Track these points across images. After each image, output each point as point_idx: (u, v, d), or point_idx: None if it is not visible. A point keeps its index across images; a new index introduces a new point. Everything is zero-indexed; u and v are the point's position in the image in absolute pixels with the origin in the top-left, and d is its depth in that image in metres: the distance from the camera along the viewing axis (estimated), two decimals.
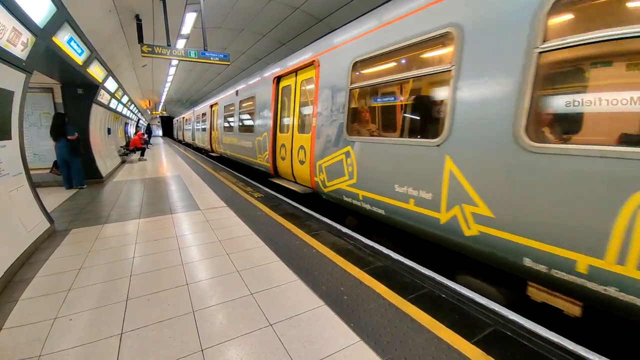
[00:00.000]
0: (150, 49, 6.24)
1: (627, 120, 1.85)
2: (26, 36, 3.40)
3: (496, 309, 2.22)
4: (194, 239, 3.77)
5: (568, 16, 2.10)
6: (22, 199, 3.62)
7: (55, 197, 5.96)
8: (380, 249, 3.34)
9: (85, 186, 7.18)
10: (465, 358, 1.78)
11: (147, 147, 17.56)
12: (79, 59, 5.59)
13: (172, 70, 14.14)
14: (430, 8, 2.90)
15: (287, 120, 6.03)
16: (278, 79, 6.35)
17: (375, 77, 3.73)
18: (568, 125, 2.15)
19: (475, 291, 2.57)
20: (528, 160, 2.11)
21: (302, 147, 5.28)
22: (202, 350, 1.86)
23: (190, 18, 7.41)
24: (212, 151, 13.19)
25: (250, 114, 8.00)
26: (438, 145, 2.75)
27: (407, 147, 3.13)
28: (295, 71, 5.62)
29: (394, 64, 3.55)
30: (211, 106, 12.83)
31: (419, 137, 3.35)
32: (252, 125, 7.74)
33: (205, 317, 2.19)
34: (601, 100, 1.89)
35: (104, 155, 9.30)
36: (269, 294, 2.49)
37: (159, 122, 49.89)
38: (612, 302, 1.80)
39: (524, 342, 1.89)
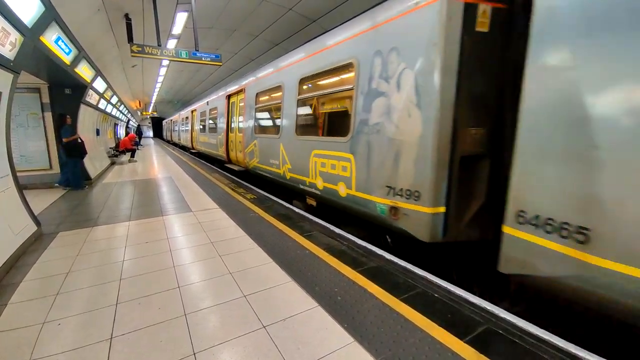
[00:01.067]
0: (140, 49, 6.16)
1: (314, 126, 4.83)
2: (14, 36, 3.33)
3: (488, 308, 2.24)
4: (185, 241, 3.73)
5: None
6: (8, 202, 3.54)
7: (43, 200, 5.83)
8: (374, 250, 3.35)
9: (86, 187, 7.12)
10: (458, 357, 1.79)
11: (138, 149, 17.33)
12: (67, 59, 5.49)
13: (162, 71, 13.98)
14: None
15: (233, 124, 8.90)
16: (229, 96, 9.16)
17: (262, 99, 6.60)
18: (300, 129, 4.99)
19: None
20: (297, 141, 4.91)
21: (240, 141, 7.99)
22: (194, 354, 1.84)
23: (181, 18, 7.34)
24: (192, 148, 16.33)
25: (214, 119, 10.91)
26: (278, 138, 5.64)
27: (271, 139, 5.99)
28: (237, 92, 8.31)
29: (269, 92, 6.22)
30: (192, 111, 15.71)
31: (273, 133, 6.00)
32: (215, 127, 10.73)
33: (197, 320, 2.17)
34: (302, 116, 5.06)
35: (93, 157, 9.13)
36: (262, 295, 2.48)
37: (149, 123, 49.27)
38: (312, 194, 4.68)
39: (516, 339, 1.92)
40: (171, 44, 8.90)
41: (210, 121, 11.42)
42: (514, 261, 2.31)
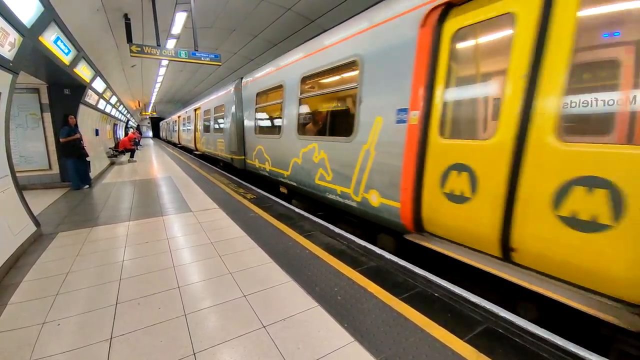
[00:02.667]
0: (139, 49, 6.15)
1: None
2: (13, 36, 3.33)
3: (488, 307, 2.24)
4: (185, 241, 3.73)
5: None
6: (8, 202, 3.53)
7: (42, 200, 5.82)
8: (373, 249, 3.35)
9: (87, 187, 7.14)
10: (458, 356, 1.79)
11: (137, 149, 17.31)
12: (66, 59, 5.49)
13: (162, 71, 13.96)
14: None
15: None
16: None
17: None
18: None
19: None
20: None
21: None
22: (194, 354, 1.84)
23: (180, 18, 7.33)
24: (179, 143, 20.48)
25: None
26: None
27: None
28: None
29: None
30: (179, 116, 19.05)
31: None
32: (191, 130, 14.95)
33: (197, 320, 2.17)
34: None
35: (92, 157, 9.12)
36: (262, 295, 2.48)
37: (148, 123, 49.20)
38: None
39: (515, 339, 1.92)
40: (170, 44, 8.89)
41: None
42: (241, 163, 7.96)
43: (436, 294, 2.46)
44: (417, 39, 2.91)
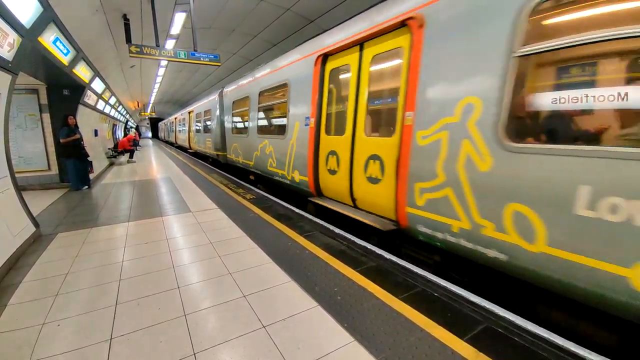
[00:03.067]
0: (138, 50, 6.14)
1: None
2: (12, 37, 3.33)
3: (487, 307, 2.25)
4: (185, 241, 3.73)
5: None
6: (7, 203, 3.53)
7: (41, 201, 5.82)
8: (373, 249, 3.35)
9: (85, 188, 7.12)
10: (457, 355, 1.80)
11: (136, 149, 17.29)
12: (65, 59, 5.48)
13: (161, 71, 13.96)
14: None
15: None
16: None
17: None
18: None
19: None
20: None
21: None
22: (194, 354, 1.84)
23: (179, 18, 7.33)
24: (175, 143, 22.28)
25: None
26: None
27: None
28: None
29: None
30: (175, 118, 20.87)
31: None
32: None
33: (197, 321, 2.17)
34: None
35: (91, 157, 9.10)
36: (262, 295, 2.48)
37: (147, 123, 49.12)
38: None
39: (515, 338, 1.93)
40: (169, 44, 8.89)
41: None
42: (224, 158, 9.50)
43: (436, 294, 2.46)
44: (312, 73, 4.56)
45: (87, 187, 7.15)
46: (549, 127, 2.20)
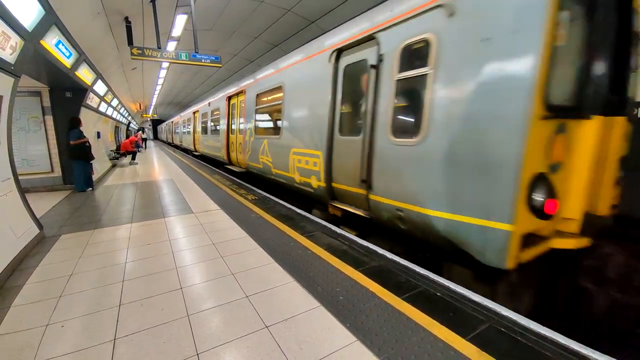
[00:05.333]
0: (140, 52, 6.18)
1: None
2: (15, 40, 3.35)
3: (490, 306, 2.25)
4: (187, 242, 3.74)
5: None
6: (10, 205, 3.55)
7: (45, 203, 5.84)
8: (375, 249, 3.35)
9: (90, 189, 7.16)
10: (460, 355, 1.80)
11: (139, 151, 17.35)
12: (67, 62, 5.51)
13: (162, 73, 14.02)
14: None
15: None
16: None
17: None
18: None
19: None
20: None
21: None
22: (197, 355, 1.85)
23: (180, 20, 7.37)
24: (172, 141, 24.91)
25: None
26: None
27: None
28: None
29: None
30: (172, 122, 24.29)
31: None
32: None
33: (200, 321, 2.17)
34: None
35: (94, 159, 9.14)
36: (264, 296, 2.49)
37: (149, 125, 49.28)
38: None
39: (518, 337, 1.92)
40: (171, 46, 8.93)
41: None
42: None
43: (438, 294, 2.46)
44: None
45: (90, 188, 7.19)
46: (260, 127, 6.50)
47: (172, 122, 25.34)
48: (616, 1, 2.43)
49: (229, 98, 8.73)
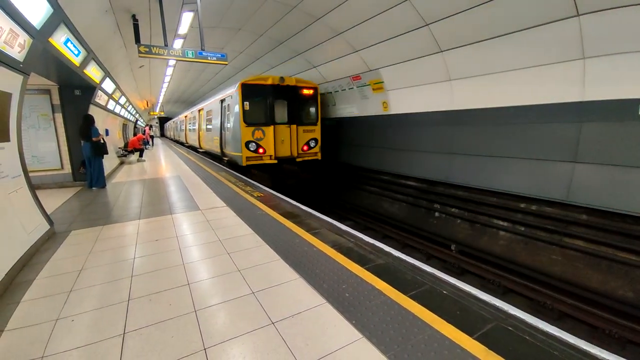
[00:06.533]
0: (147, 50, 6.21)
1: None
2: (23, 38, 3.38)
3: (497, 305, 2.23)
4: (194, 239, 3.78)
5: None
6: (21, 201, 3.61)
7: (55, 199, 5.94)
8: (381, 247, 3.35)
9: (106, 186, 7.26)
10: (467, 353, 1.79)
11: (146, 148, 17.53)
12: (76, 60, 5.57)
13: (169, 71, 14.09)
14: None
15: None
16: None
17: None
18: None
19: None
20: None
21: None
22: (204, 349, 1.87)
23: (187, 18, 7.38)
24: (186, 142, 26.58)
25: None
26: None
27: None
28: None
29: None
30: (185, 116, 26.10)
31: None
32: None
33: (207, 316, 2.20)
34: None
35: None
36: (270, 292, 2.50)
37: (156, 122, 49.69)
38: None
39: (526, 336, 1.90)
40: (177, 43, 8.96)
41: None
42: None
43: (444, 291, 2.45)
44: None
45: (103, 186, 7.26)
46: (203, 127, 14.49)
47: (177, 120, 29.58)
48: (258, 96, 8.72)
49: (199, 110, 15.18)
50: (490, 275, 4.98)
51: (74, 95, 7.29)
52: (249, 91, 8.52)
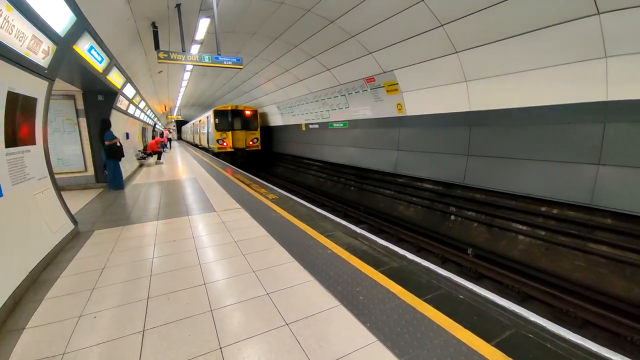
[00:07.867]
0: (166, 55, 6.38)
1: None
2: (47, 44, 3.48)
3: (517, 311, 2.17)
4: (210, 239, 3.84)
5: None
6: (46, 202, 3.77)
7: (79, 200, 6.17)
8: (396, 250, 3.32)
9: (124, 188, 7.50)
10: None
11: (164, 150, 18.00)
12: (99, 67, 5.78)
13: (186, 76, 14.42)
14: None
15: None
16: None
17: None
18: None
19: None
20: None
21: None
22: (220, 349, 1.90)
23: (203, 24, 7.55)
24: (193, 142, 32.06)
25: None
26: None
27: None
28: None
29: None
30: (193, 123, 31.25)
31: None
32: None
33: (222, 316, 2.23)
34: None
35: (123, 159, 9.55)
36: (284, 293, 2.52)
37: (174, 126, 50.94)
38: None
39: (547, 344, 1.85)
40: (195, 49, 9.17)
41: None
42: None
43: (461, 296, 2.40)
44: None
45: (121, 188, 7.50)
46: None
47: (192, 123, 34.18)
48: (224, 115, 16.62)
49: (200, 120, 22.50)
50: (509, 280, 4.83)
51: (97, 101, 7.57)
52: (218, 113, 16.17)
